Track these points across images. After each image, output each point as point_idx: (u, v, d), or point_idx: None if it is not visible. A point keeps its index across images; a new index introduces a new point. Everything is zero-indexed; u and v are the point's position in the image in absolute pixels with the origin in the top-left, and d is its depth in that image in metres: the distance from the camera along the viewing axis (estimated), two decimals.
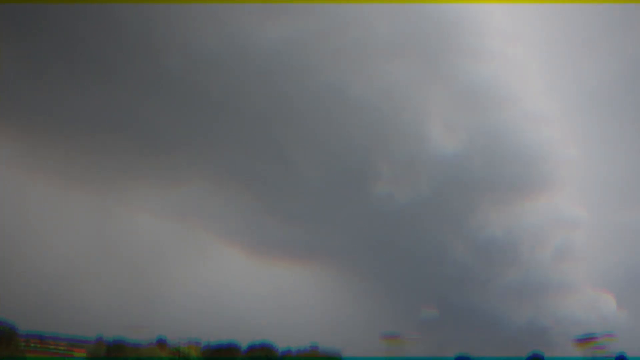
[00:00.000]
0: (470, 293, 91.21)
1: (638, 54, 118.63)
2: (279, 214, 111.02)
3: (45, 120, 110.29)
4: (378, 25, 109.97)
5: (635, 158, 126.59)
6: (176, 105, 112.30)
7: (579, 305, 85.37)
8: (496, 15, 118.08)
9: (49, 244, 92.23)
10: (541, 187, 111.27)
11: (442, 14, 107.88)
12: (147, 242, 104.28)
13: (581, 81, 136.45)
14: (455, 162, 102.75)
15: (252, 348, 53.86)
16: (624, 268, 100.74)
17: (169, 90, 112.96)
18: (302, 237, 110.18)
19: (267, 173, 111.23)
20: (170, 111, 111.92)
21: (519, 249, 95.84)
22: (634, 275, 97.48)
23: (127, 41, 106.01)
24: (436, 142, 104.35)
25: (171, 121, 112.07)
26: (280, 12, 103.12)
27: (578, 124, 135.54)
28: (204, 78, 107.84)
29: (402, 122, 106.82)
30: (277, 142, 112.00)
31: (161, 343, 71.24)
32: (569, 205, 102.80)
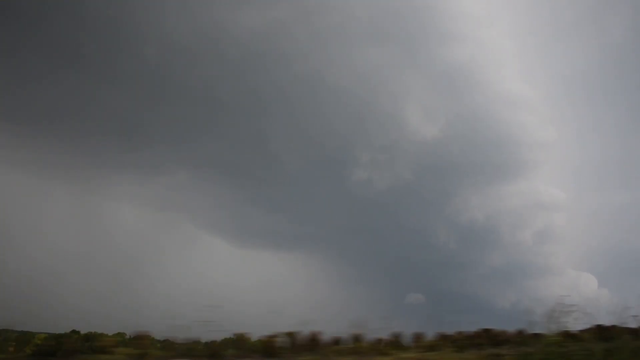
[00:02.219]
0: (454, 277, 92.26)
1: (616, 40, 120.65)
2: (261, 203, 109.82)
3: (22, 113, 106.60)
4: (354, 10, 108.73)
5: (613, 141, 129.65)
6: (154, 95, 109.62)
7: (562, 286, 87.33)
8: None
9: (28, 237, 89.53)
10: (520, 170, 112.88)
11: None
12: (128, 233, 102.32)
13: (558, 65, 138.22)
14: (434, 147, 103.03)
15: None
16: (603, 248, 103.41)
17: (146, 80, 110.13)
18: (285, 225, 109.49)
19: (248, 162, 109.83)
20: (148, 102, 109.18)
21: (500, 232, 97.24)
22: (613, 255, 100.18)
23: (101, 31, 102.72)
24: (414, 127, 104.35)
25: (150, 112, 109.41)
26: None
27: (556, 107, 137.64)
28: (180, 68, 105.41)
29: (380, 108, 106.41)
30: (256, 131, 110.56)
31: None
32: (549, 188, 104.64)
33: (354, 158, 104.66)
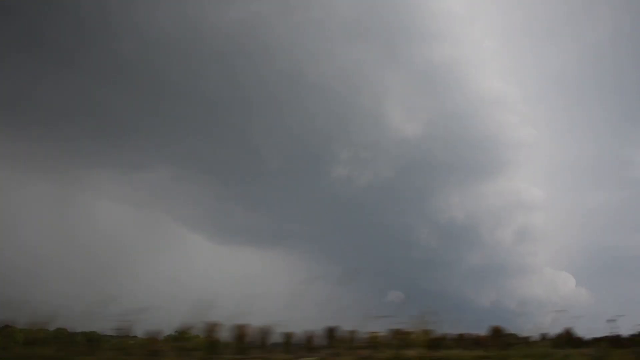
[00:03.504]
0: (435, 275, 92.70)
1: (598, 40, 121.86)
2: (242, 200, 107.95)
3: (1, 111, 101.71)
4: (335, 6, 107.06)
5: (593, 141, 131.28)
6: (134, 90, 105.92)
7: (540, 285, 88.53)
8: None
9: (5, 233, 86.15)
10: (500, 169, 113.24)
11: None
12: (108, 228, 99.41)
13: (539, 65, 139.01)
14: (415, 145, 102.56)
15: None
16: (582, 248, 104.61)
17: (126, 75, 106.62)
18: (266, 222, 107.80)
19: (229, 159, 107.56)
20: (128, 96, 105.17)
21: (480, 231, 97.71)
22: (592, 255, 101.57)
23: (80, 25, 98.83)
24: (395, 125, 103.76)
25: (130, 106, 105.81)
26: None
27: (536, 107, 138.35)
28: (161, 62, 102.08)
29: (361, 105, 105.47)
30: (237, 127, 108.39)
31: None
32: (528, 188, 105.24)
33: (335, 155, 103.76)
